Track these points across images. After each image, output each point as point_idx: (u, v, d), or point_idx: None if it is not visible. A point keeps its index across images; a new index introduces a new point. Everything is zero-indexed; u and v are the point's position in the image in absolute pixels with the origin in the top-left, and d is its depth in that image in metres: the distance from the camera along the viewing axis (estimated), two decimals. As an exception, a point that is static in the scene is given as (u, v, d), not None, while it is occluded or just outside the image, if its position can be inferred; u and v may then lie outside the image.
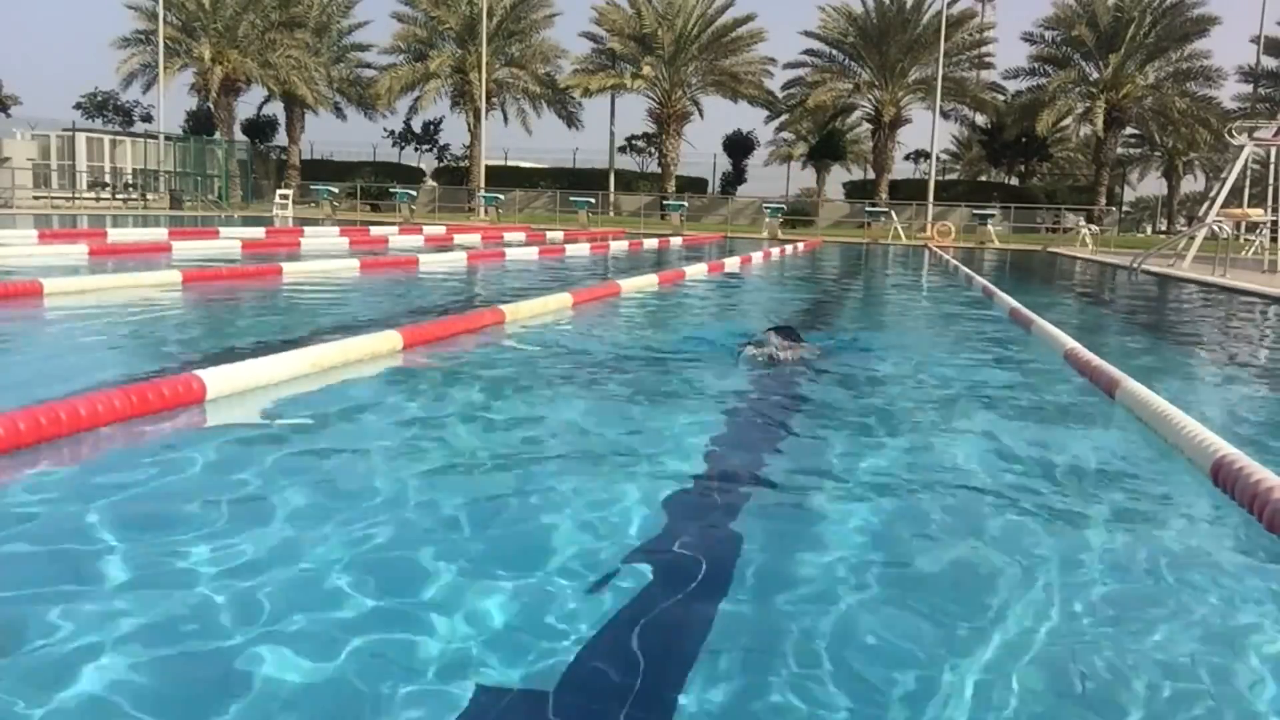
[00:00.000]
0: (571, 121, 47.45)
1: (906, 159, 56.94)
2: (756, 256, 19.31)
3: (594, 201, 38.16)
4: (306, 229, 21.68)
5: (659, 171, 47.47)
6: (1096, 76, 42.26)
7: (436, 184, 49.92)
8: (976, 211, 36.89)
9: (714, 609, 2.29)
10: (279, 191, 38.93)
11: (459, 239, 21.75)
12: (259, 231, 19.68)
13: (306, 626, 2.10)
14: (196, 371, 4.07)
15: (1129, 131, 47.33)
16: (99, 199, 36.30)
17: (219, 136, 42.88)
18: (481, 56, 41.89)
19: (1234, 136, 21.77)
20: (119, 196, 36.82)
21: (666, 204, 40.74)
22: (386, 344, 5.45)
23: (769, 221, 34.53)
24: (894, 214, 35.26)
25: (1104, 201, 42.65)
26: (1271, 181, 20.68)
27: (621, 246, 21.43)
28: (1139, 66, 41.75)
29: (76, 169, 37.86)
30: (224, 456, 3.42)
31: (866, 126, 47.81)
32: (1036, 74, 44.11)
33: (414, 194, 41.09)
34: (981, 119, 48.00)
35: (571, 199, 38.67)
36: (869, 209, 37.69)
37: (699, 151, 69.31)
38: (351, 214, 37.36)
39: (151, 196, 37.37)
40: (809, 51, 44.97)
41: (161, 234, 17.42)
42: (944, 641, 2.17)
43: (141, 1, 42.46)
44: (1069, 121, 45.33)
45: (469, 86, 43.98)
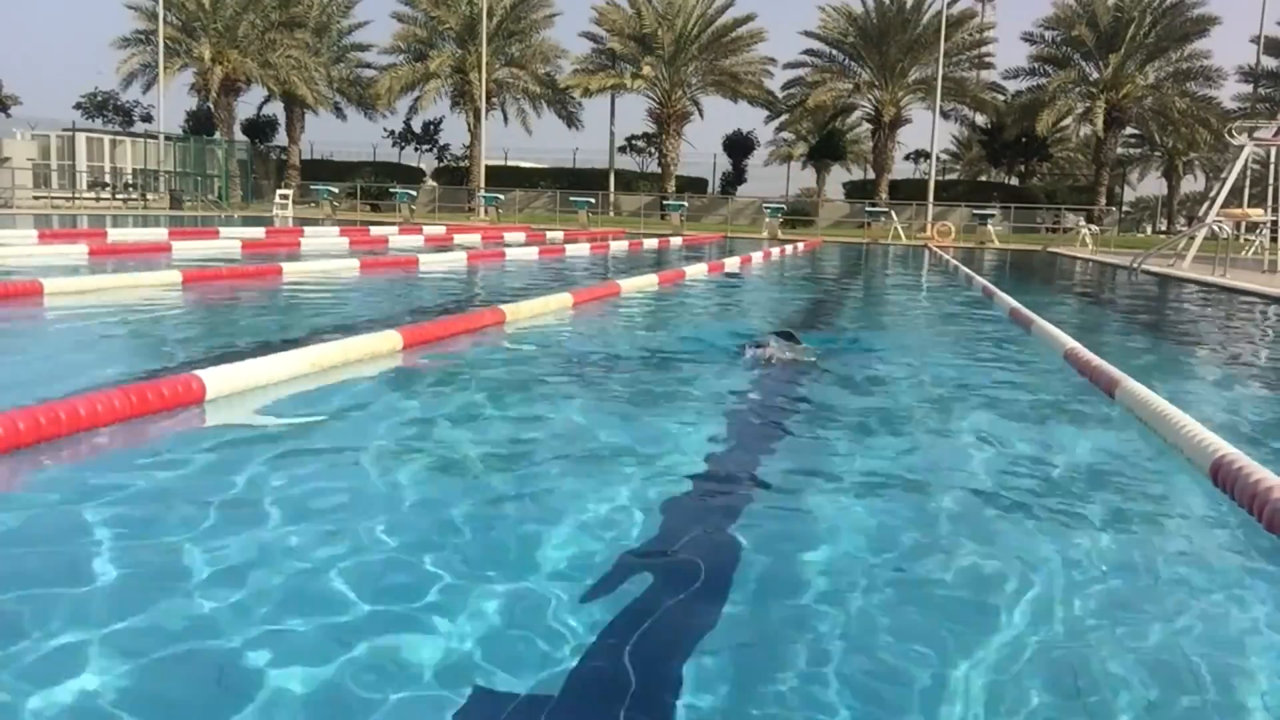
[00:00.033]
0: (571, 121, 47.51)
1: (906, 159, 57.01)
2: (756, 256, 19.31)
3: (594, 201, 38.16)
4: (306, 229, 21.68)
5: (659, 171, 47.47)
6: (1096, 76, 42.26)
7: (436, 184, 49.91)
8: (976, 211, 36.89)
9: (714, 610, 2.29)
10: (279, 191, 38.93)
11: (459, 239, 21.75)
12: (259, 231, 19.69)
13: (305, 627, 2.10)
14: (196, 371, 4.07)
15: (1129, 131, 47.34)
16: (99, 199, 36.29)
17: (219, 136, 42.88)
18: (481, 56, 41.90)
19: (1234, 136, 21.78)
20: (119, 196, 36.81)
21: (666, 204, 40.73)
22: (386, 344, 5.46)
23: (769, 221, 34.52)
24: (894, 214, 35.25)
25: (1104, 201, 42.65)
26: (1271, 181, 20.68)
27: (621, 246, 21.43)
28: (1139, 66, 41.76)
29: (76, 169, 37.86)
30: (224, 456, 3.42)
31: (866, 126, 47.83)
32: (1036, 74, 44.14)
33: (414, 194, 41.09)
34: (981, 119, 48.01)
35: (571, 199, 38.67)
36: (869, 209, 37.69)
37: (699, 151, 69.31)
38: (351, 214, 37.36)
39: (151, 196, 37.36)
40: (809, 51, 45.03)
41: (161, 234, 17.42)
42: (944, 641, 2.17)
43: (141, 1, 42.49)
44: (1069, 121, 45.34)
45: (469, 86, 43.98)
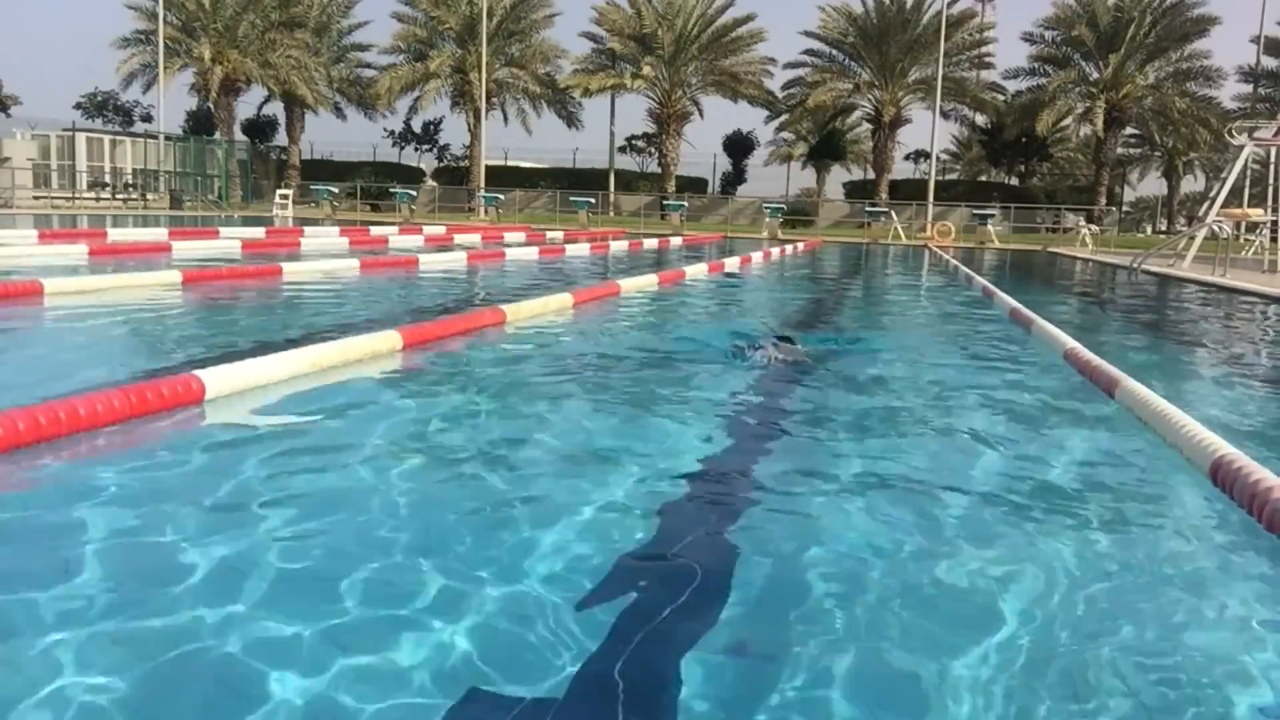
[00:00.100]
0: (571, 121, 47.52)
1: (906, 159, 57.03)
2: (756, 256, 19.31)
3: (594, 201, 38.16)
4: (306, 229, 21.68)
5: (659, 171, 47.47)
6: (1096, 76, 42.26)
7: (436, 184, 49.92)
8: (976, 211, 36.89)
9: (713, 612, 2.29)
10: (279, 191, 38.93)
11: (459, 239, 21.75)
12: (259, 231, 19.69)
13: (305, 627, 2.10)
14: (196, 371, 4.07)
15: (1129, 131, 47.34)
16: (99, 199, 36.30)
17: (219, 136, 42.89)
18: (481, 56, 41.90)
19: (1234, 136, 21.77)
20: (119, 196, 36.82)
21: (666, 204, 40.73)
22: (386, 344, 5.46)
23: (769, 221, 34.53)
24: (894, 214, 35.26)
25: (1104, 201, 42.65)
26: (1271, 181, 20.68)
27: (621, 246, 21.43)
28: (1139, 66, 41.76)
29: (76, 169, 37.87)
30: (223, 456, 3.42)
31: (866, 126, 47.84)
32: (1036, 74, 44.15)
33: (414, 194, 41.09)
34: (981, 119, 48.02)
35: (571, 199, 38.67)
36: (869, 209, 37.69)
37: (699, 151, 69.37)
38: (351, 214, 37.36)
39: (151, 196, 37.37)
40: (809, 51, 45.05)
41: (161, 234, 17.42)
42: (944, 641, 2.17)
43: (141, 1, 42.51)
44: (1069, 121, 45.35)
45: (469, 86, 43.99)
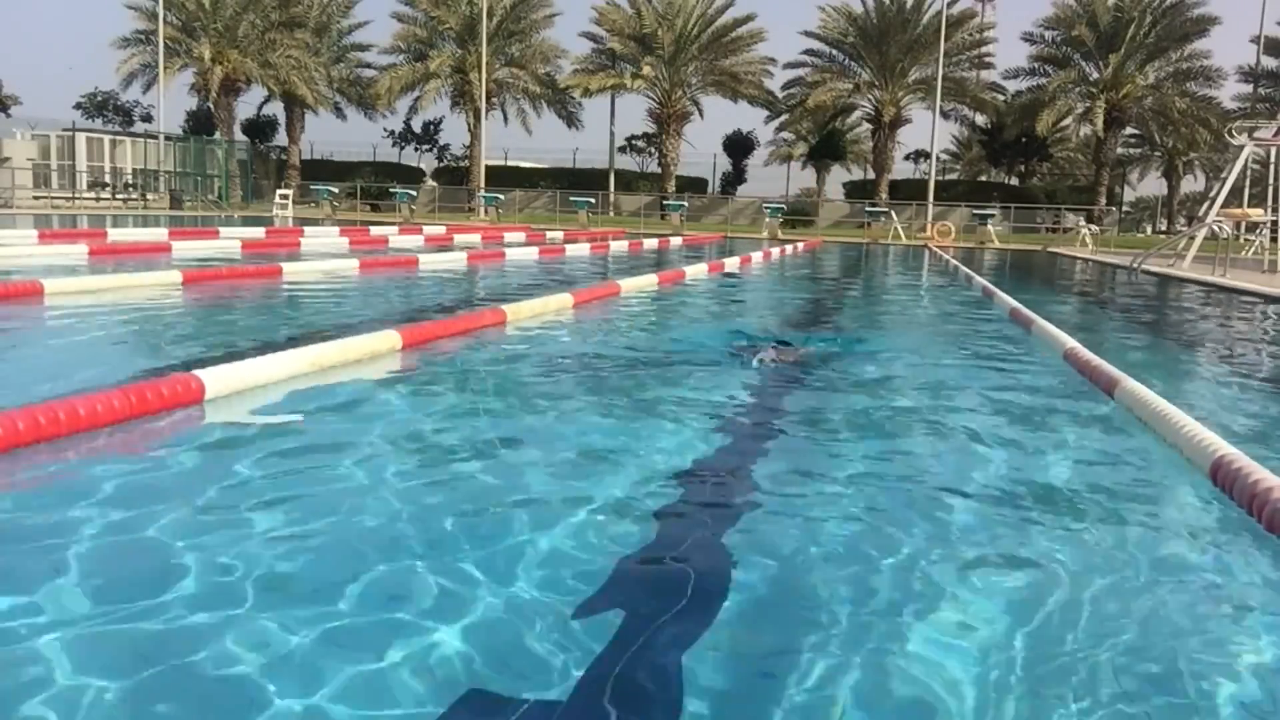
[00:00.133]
0: (571, 121, 47.53)
1: (906, 159, 57.06)
2: (756, 256, 19.32)
3: (594, 201, 38.17)
4: (306, 229, 21.68)
5: (659, 171, 47.49)
6: (1096, 76, 42.27)
7: (436, 184, 49.93)
8: (976, 211, 36.90)
9: (713, 613, 2.29)
10: (279, 191, 38.94)
11: (459, 239, 21.76)
12: (259, 231, 19.69)
13: (305, 627, 2.10)
14: (195, 371, 4.07)
15: (1129, 131, 47.36)
16: (99, 199, 36.31)
17: (219, 136, 42.90)
18: (481, 56, 41.90)
19: (1234, 136, 21.78)
20: (119, 196, 36.83)
21: (666, 204, 40.74)
22: (386, 343, 5.46)
23: (769, 221, 34.54)
24: (894, 214, 35.27)
25: (1104, 201, 42.66)
26: (1271, 181, 20.68)
27: (621, 246, 21.43)
28: (1139, 66, 41.76)
29: (76, 169, 37.88)
30: (223, 456, 3.42)
31: (866, 126, 47.86)
32: (1036, 74, 44.17)
33: (414, 194, 41.10)
34: (981, 119, 48.03)
35: (571, 199, 38.68)
36: (869, 209, 37.70)
37: (699, 151, 69.44)
38: (351, 214, 37.36)
39: (151, 196, 37.37)
40: (809, 51, 45.07)
41: (161, 234, 17.42)
42: (944, 641, 2.17)
43: (141, 1, 42.52)
44: (1069, 121, 45.36)
45: (469, 86, 43.99)
